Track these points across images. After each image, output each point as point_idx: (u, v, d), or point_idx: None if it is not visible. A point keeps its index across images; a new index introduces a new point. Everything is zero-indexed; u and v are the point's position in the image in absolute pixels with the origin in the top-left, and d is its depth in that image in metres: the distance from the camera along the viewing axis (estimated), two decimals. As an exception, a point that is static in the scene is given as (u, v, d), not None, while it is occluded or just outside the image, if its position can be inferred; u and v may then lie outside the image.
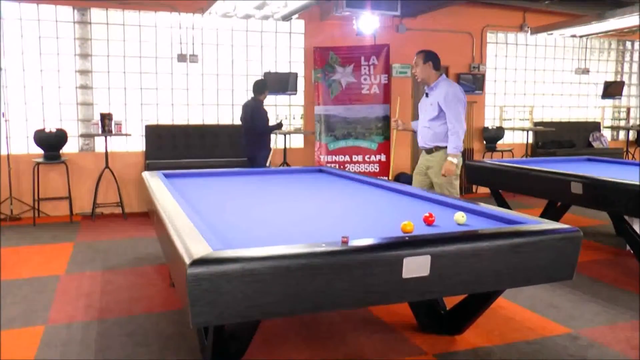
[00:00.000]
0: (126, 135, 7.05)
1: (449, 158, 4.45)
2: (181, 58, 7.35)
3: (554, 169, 4.94)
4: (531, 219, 2.67)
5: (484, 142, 9.04)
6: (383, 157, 7.62)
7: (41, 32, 6.89)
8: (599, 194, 4.26)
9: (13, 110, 6.89)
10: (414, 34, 8.26)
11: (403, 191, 3.73)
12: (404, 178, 8.08)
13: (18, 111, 6.91)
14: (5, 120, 6.79)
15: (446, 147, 4.51)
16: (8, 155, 6.79)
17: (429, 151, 4.68)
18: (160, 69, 7.40)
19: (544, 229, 2.47)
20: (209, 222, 2.66)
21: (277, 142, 7.68)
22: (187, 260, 1.90)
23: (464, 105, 4.60)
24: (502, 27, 9.03)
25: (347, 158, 7.65)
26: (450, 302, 3.18)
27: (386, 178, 7.35)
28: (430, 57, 4.68)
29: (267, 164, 6.40)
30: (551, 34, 8.11)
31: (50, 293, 4.14)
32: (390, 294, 2.17)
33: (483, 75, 8.88)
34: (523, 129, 9.19)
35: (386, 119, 7.59)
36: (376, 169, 7.61)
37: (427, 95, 4.74)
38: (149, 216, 4.13)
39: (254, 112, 6.37)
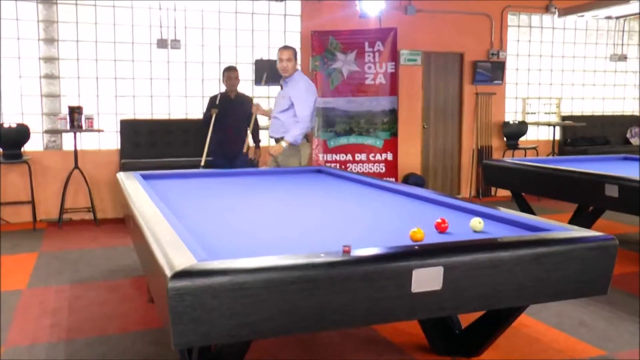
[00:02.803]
0: (98, 131, 7.06)
1: (282, 142, 5.33)
2: (161, 44, 7.36)
3: (585, 169, 4.95)
4: (558, 226, 2.68)
5: (504, 138, 9.06)
6: (389, 156, 7.64)
7: (1, 14, 6.90)
8: (637, 197, 4.27)
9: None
10: (425, 16, 8.29)
11: (412, 194, 3.74)
12: (414, 179, 8.10)
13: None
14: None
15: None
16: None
17: (277, 141, 5.47)
18: (137, 56, 7.41)
19: (573, 236, 2.48)
20: (193, 230, 2.67)
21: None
22: (169, 273, 1.91)
23: (315, 100, 5.48)
24: (526, 8, 9.06)
25: (349, 157, 7.67)
26: (466, 319, 3.19)
27: (393, 179, 7.37)
28: (296, 53, 5.56)
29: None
30: (582, 15, 8.14)
31: (9, 310, 4.14)
32: (398, 311, 2.18)
33: (503, 63, 8.90)
34: (549, 124, 9.21)
35: (393, 113, 7.61)
36: (382, 169, 7.63)
37: (281, 87, 5.58)
38: (125, 223, 4.14)
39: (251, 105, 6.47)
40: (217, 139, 6.47)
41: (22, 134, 6.83)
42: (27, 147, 6.99)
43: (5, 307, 4.20)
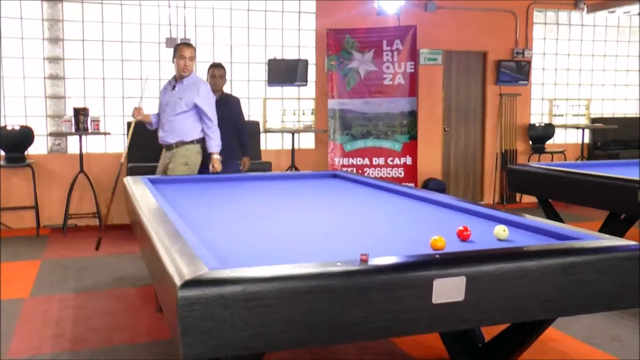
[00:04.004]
0: (105, 134, 7.12)
1: (215, 156, 5.34)
2: (170, 43, 7.40)
3: (616, 174, 4.91)
4: (588, 234, 2.67)
5: (530, 142, 9.03)
6: (409, 160, 7.63)
7: (2, 12, 6.98)
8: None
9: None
10: (446, 13, 8.28)
11: (433, 200, 3.73)
12: (434, 185, 8.08)
13: (-23, 105, 7.00)
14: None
15: (190, 143, 5.37)
16: (-35, 157, 6.88)
17: (170, 147, 5.41)
18: (145, 56, 7.48)
19: (604, 246, 2.46)
20: (204, 237, 2.69)
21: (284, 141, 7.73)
22: (178, 282, 1.92)
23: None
24: (553, 4, 9.03)
25: (367, 161, 7.67)
26: (490, 332, 3.18)
27: (412, 185, 7.36)
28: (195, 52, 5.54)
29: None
30: (613, 11, 8.07)
31: (11, 320, 4.19)
32: (418, 323, 2.17)
33: (529, 63, 8.87)
34: (578, 127, 9.16)
35: (412, 115, 7.60)
36: (401, 174, 7.62)
37: (174, 87, 5.42)
38: (132, 229, 4.17)
39: (241, 107, 6.27)
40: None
41: (25, 136, 6.90)
42: (31, 151, 7.07)
43: (7, 316, 4.24)
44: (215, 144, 5.37)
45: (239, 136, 6.08)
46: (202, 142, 5.43)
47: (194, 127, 5.38)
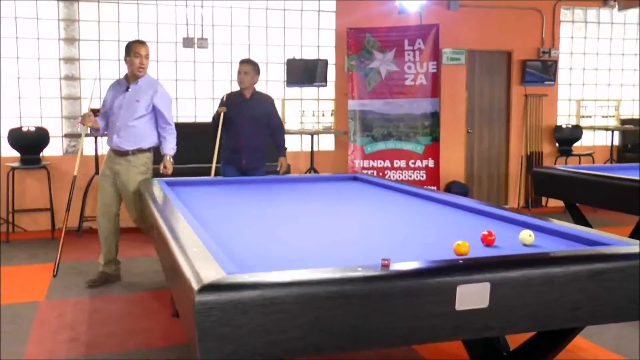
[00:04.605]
0: (120, 135, 7.17)
1: (169, 157, 5.23)
2: (187, 43, 7.46)
3: (647, 177, 4.86)
4: (617, 240, 2.65)
5: (557, 144, 8.96)
6: (431, 163, 7.61)
7: (18, 12, 7.07)
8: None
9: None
10: (469, 11, 8.25)
11: (456, 204, 3.72)
12: (457, 188, 8.05)
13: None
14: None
15: (147, 150, 5.20)
16: (-20, 158, 6.97)
17: (124, 154, 5.13)
18: (162, 56, 7.53)
19: (634, 252, 2.44)
20: (222, 240, 2.70)
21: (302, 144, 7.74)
22: (196, 286, 1.93)
23: None
24: (581, 1, 8.96)
25: (387, 163, 7.66)
26: (515, 341, 3.16)
27: (434, 188, 7.34)
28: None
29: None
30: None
31: (26, 323, 4.23)
32: (441, 330, 2.16)
33: (555, 62, 8.80)
34: (607, 128, 9.08)
35: (435, 116, 7.58)
36: (422, 176, 7.60)
37: (127, 89, 5.18)
38: (149, 232, 4.20)
39: (275, 107, 5.97)
40: (227, 148, 5.77)
41: (41, 138, 6.98)
42: (46, 152, 7.14)
43: (22, 319, 4.29)
44: (170, 146, 5.27)
45: (273, 136, 5.79)
46: (154, 147, 5.30)
47: (151, 132, 5.22)
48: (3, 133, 7.03)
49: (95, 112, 5.60)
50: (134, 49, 5.14)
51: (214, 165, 5.77)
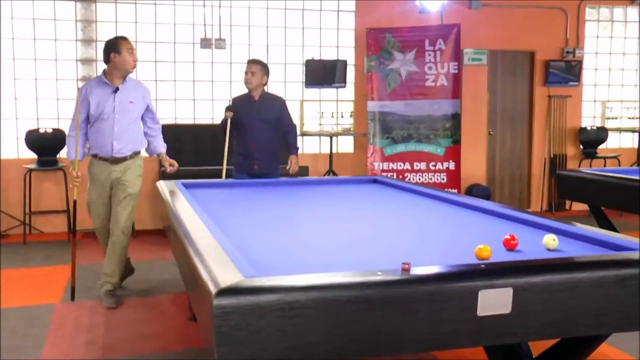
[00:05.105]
0: (137, 136, 7.22)
1: (165, 155, 5.11)
2: (205, 43, 7.50)
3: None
4: (644, 245, 2.62)
5: (581, 146, 8.89)
6: (452, 165, 7.58)
7: (35, 14, 7.16)
8: None
9: (1, 106, 7.14)
10: (491, 10, 8.21)
11: (477, 207, 3.70)
12: (479, 191, 8.01)
13: (7, 108, 7.17)
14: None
15: (139, 152, 5.02)
16: (-4, 159, 7.06)
17: (123, 160, 4.87)
18: (179, 57, 7.58)
19: (661, 257, 2.42)
20: (239, 243, 2.71)
21: (321, 146, 7.74)
22: (213, 290, 1.94)
23: None
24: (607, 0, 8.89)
25: (407, 166, 7.64)
26: (538, 347, 3.14)
27: (455, 191, 7.31)
28: None
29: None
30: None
31: (43, 326, 4.28)
32: (462, 336, 2.16)
33: (580, 63, 8.74)
34: (633, 130, 8.99)
35: (456, 118, 7.55)
36: (443, 179, 7.57)
37: (117, 89, 4.82)
38: (165, 235, 4.23)
39: (286, 107, 5.74)
40: (238, 154, 5.60)
41: (57, 139, 7.04)
42: (63, 154, 7.20)
43: (39, 322, 4.34)
44: (163, 144, 5.18)
45: (285, 137, 5.61)
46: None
47: (142, 133, 5.06)
48: (20, 134, 7.12)
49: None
50: (125, 45, 4.80)
51: (224, 169, 5.58)
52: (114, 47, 4.79)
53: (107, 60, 4.82)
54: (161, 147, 5.17)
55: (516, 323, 2.19)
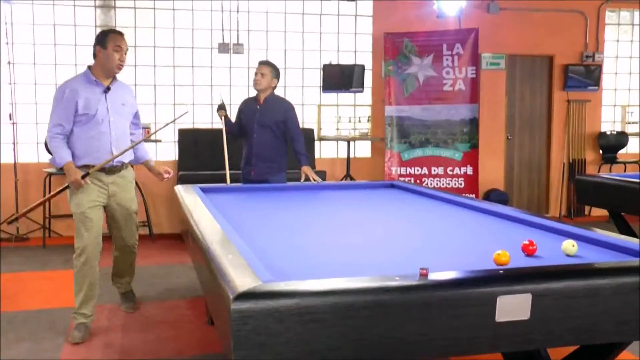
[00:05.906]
0: (155, 141, 7.27)
1: (152, 162, 4.65)
2: (223, 48, 7.53)
3: (694, 186, 4.77)
4: (665, 251, 2.60)
5: (600, 151, 8.82)
6: (469, 170, 7.55)
7: (56, 20, 7.23)
8: None
9: (21, 111, 7.22)
10: (509, 15, 8.18)
11: (495, 212, 3.69)
12: (497, 196, 7.98)
13: (27, 112, 7.24)
14: (12, 123, 7.10)
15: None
16: (15, 164, 7.11)
17: (118, 169, 4.36)
18: (197, 62, 7.62)
19: (682, 264, 2.39)
20: (257, 248, 2.72)
21: (339, 151, 7.74)
22: (231, 294, 1.95)
23: None
24: (627, 3, 8.81)
25: (425, 171, 7.62)
26: (557, 354, 3.11)
27: (473, 196, 7.28)
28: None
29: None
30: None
31: (61, 329, 4.31)
32: (480, 342, 2.15)
33: (599, 67, 8.67)
34: (654, 135, 8.92)
35: (474, 123, 7.53)
36: (461, 184, 7.55)
37: (108, 89, 4.28)
38: (183, 239, 4.24)
39: (292, 112, 5.48)
40: (243, 157, 5.52)
41: (77, 143, 7.05)
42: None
43: (58, 325, 4.37)
44: (147, 151, 4.71)
45: (293, 145, 5.36)
46: None
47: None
48: (40, 139, 7.18)
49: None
50: (113, 40, 4.22)
51: (227, 173, 5.36)
52: (101, 40, 4.25)
53: (94, 54, 4.30)
54: (147, 154, 4.69)
55: (535, 329, 2.18)
